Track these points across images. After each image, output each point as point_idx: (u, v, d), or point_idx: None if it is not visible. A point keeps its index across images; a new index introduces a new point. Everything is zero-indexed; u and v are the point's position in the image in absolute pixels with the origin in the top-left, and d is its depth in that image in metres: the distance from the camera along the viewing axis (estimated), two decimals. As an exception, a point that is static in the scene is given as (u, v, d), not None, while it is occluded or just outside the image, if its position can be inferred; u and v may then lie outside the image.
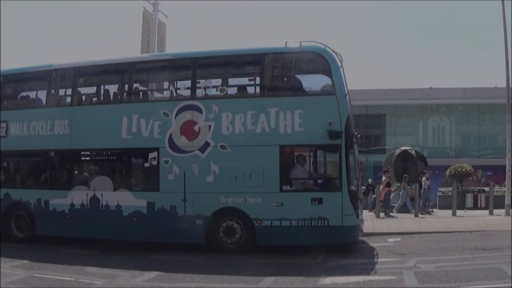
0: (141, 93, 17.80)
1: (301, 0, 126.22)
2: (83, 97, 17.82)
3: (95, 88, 18.20)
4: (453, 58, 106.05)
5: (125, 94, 17.28)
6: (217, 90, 16.32)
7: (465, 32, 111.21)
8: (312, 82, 16.21)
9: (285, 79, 16.21)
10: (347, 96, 15.44)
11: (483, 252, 14.87)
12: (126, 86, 17.27)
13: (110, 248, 16.27)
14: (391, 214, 25.88)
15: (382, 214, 25.39)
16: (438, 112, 53.59)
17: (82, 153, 17.60)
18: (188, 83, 16.56)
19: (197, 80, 16.37)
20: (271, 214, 15.01)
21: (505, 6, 24.86)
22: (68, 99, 17.90)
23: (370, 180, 35.55)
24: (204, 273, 12.79)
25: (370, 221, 21.66)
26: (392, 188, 27.03)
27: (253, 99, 16.01)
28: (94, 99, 17.87)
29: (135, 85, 17.57)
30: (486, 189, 29.85)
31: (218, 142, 15.53)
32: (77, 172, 17.81)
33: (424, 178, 28.58)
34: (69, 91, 17.99)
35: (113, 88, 17.65)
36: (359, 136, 16.71)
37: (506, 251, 14.57)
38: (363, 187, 26.86)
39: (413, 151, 30.96)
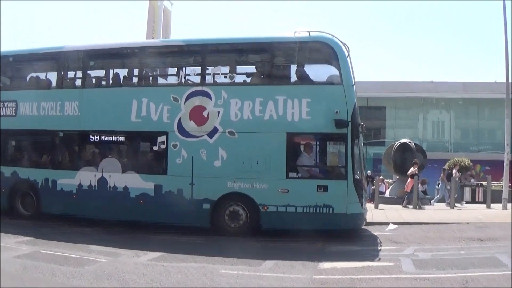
0: (151, 78, 18.01)
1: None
2: (93, 80, 18.09)
3: (106, 71, 18.37)
4: (454, 52, 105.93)
5: (135, 78, 17.56)
6: (226, 77, 16.51)
7: (466, 27, 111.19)
8: (320, 71, 16.42)
9: (294, 68, 16.41)
10: (354, 86, 15.66)
11: (479, 242, 15.17)
12: (137, 70, 17.55)
13: (112, 228, 16.49)
14: (420, 205, 25.69)
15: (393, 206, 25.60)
16: (438, 105, 53.41)
17: (91, 134, 17.65)
18: (197, 69, 16.77)
19: (207, 67, 16.60)
20: (277, 200, 15.27)
21: (506, 2, 25.06)
22: (78, 81, 18.06)
23: (369, 171, 35.74)
24: (206, 254, 13.00)
25: (368, 211, 21.82)
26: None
27: (262, 87, 16.16)
28: (104, 82, 18.13)
29: (145, 70, 17.80)
30: (484, 183, 30.05)
31: (227, 128, 15.78)
32: (85, 153, 17.92)
33: (454, 171, 28.74)
34: (79, 73, 18.12)
35: (123, 72, 17.92)
36: (364, 126, 16.89)
37: (502, 242, 14.95)
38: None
39: (413, 144, 30.85)
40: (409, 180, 26.29)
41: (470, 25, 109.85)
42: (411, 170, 26.43)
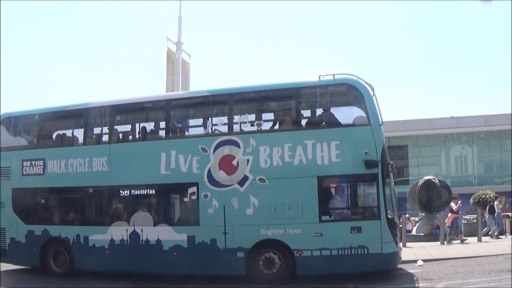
0: (178, 130, 18.07)
1: (319, 34, 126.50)
2: (121, 134, 18.20)
3: (133, 125, 18.44)
4: (473, 86, 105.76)
5: (162, 130, 17.68)
6: (253, 124, 16.50)
7: (484, 60, 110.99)
8: (347, 113, 16.38)
9: (321, 112, 16.48)
10: (382, 126, 15.66)
11: (509, 274, 15.02)
12: (164, 122, 17.67)
13: (143, 282, 16.54)
14: (461, 239, 25.51)
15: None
16: (460, 141, 53.45)
17: (121, 189, 17.67)
18: (224, 118, 16.89)
19: (234, 116, 16.68)
20: (311, 244, 15.16)
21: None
22: (106, 137, 18.17)
23: (395, 210, 35.47)
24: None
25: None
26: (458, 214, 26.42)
27: (290, 132, 16.16)
28: (131, 136, 18.21)
29: (172, 122, 17.89)
30: (510, 214, 29.77)
31: (257, 175, 15.78)
32: (116, 208, 17.95)
33: (496, 203, 28.49)
34: (106, 129, 18.28)
35: (149, 125, 18.08)
36: (394, 164, 16.85)
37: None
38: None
39: (437, 180, 30.81)
40: (449, 215, 25.94)
41: (488, 57, 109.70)
42: (454, 206, 26.08)
